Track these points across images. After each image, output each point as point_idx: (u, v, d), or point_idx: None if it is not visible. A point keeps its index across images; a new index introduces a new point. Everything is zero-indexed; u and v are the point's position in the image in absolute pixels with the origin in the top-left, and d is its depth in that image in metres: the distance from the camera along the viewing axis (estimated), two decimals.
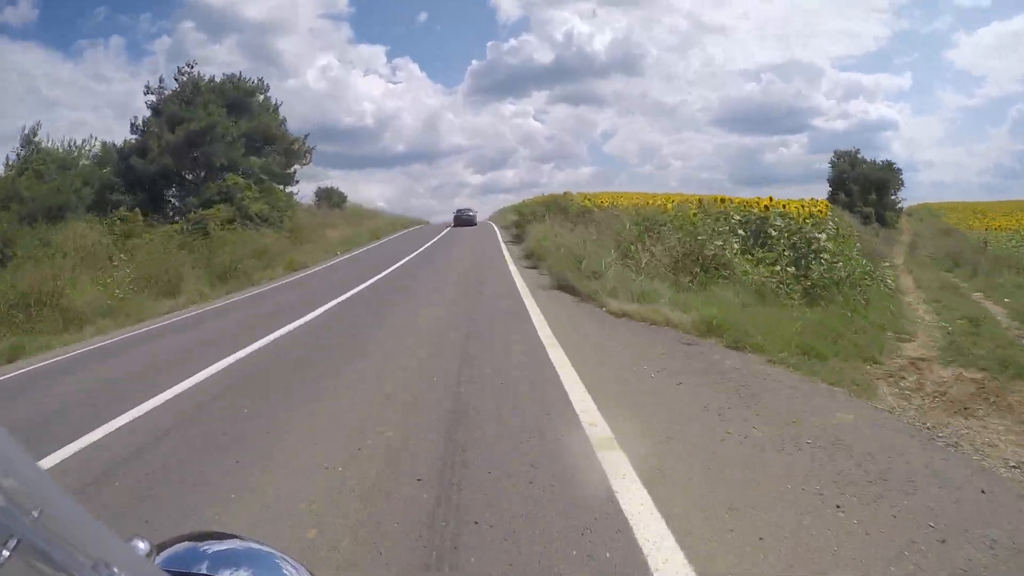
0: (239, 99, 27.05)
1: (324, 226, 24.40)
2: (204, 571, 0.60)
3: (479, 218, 32.93)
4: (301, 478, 2.70)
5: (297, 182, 29.30)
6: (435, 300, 8.15)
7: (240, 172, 24.45)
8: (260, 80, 27.80)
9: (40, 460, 3.03)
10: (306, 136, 28.61)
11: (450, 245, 17.32)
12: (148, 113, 26.54)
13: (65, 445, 3.31)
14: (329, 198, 29.10)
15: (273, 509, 2.41)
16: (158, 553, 0.59)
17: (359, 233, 23.11)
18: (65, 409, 4.31)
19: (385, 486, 2.55)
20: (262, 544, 0.67)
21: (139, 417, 3.81)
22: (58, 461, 3.11)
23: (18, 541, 0.34)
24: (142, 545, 0.48)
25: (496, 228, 26.15)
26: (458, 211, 32.42)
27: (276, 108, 28.65)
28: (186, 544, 0.65)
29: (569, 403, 3.51)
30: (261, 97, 28.38)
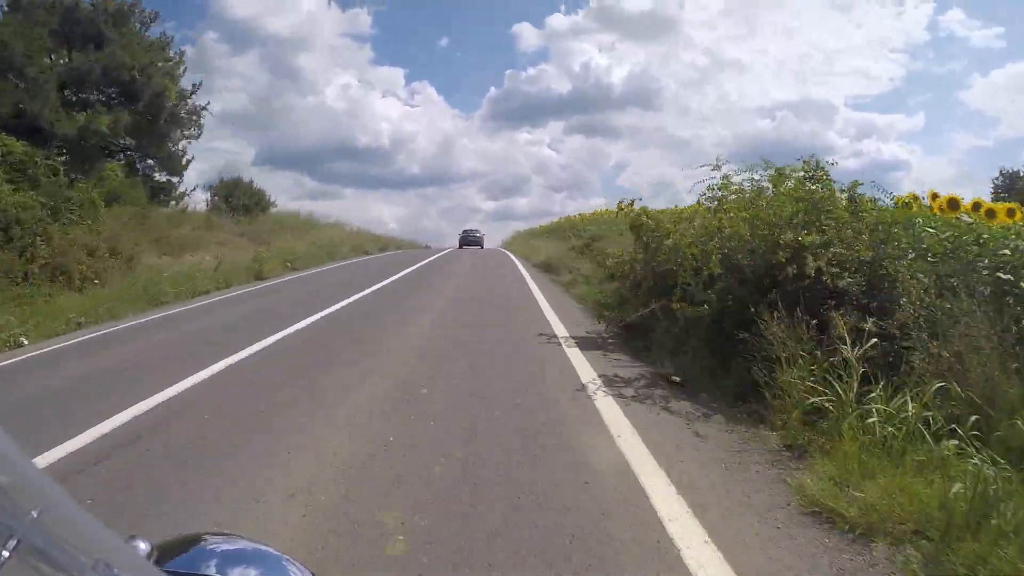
0: (95, 27, 16.31)
1: (184, 246, 13.20)
2: (211, 572, 0.59)
3: (490, 243, 31.37)
4: None
5: (186, 164, 18.22)
6: None
7: (45, 136, 13.57)
8: (135, 2, 17.02)
9: None
10: (196, 87, 17.63)
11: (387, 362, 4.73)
12: None
13: None
14: (228, 197, 17.87)
15: None
16: (159, 553, 0.57)
17: (232, 268, 11.63)
18: None
19: None
20: (267, 546, 0.66)
21: None
22: None
23: (18, 541, 0.33)
24: (142, 545, 0.49)
25: (522, 268, 14.53)
26: (464, 231, 31.18)
27: (171, 51, 17.86)
28: (191, 544, 0.64)
29: None
30: (140, 28, 17.64)
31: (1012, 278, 2.78)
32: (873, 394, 2.55)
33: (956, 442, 2.25)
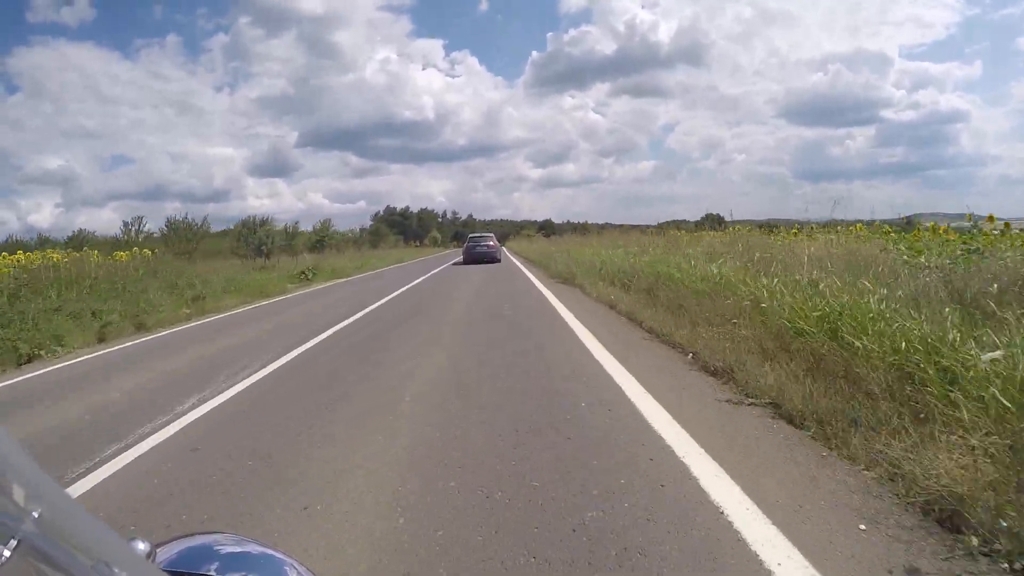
0: None
1: None
2: (211, 572, 0.58)
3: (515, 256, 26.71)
4: None
5: None
6: None
7: None
8: None
9: None
10: None
11: None
12: None
13: None
14: None
15: None
16: (159, 553, 0.58)
17: None
18: None
19: None
20: (269, 547, 0.65)
21: None
22: None
23: (18, 541, 0.33)
24: (142, 545, 0.49)
25: None
26: (471, 239, 24.16)
27: None
28: (192, 544, 0.64)
29: None
30: None
31: None
32: None
33: None
